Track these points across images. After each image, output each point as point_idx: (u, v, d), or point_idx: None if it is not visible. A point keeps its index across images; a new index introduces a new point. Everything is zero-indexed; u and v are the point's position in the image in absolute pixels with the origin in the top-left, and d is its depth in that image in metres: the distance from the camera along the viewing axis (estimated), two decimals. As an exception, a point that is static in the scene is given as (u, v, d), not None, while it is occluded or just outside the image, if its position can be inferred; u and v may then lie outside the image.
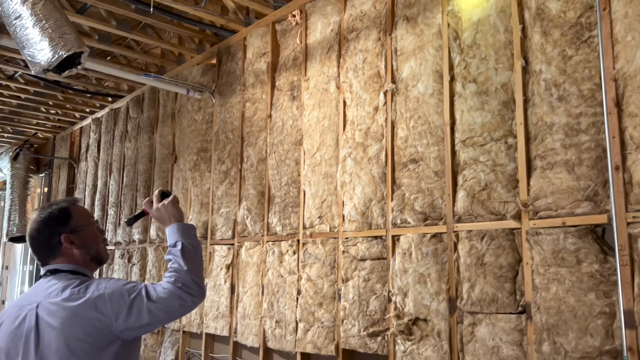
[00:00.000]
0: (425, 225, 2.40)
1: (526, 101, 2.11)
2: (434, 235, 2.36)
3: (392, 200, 2.56)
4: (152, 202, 1.68)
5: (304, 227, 3.04)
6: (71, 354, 1.34)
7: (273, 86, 3.43)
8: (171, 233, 1.58)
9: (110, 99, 5.41)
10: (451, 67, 2.40)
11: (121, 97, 5.28)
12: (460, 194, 2.27)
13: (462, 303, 2.20)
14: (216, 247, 3.71)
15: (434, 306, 2.29)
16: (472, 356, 2.13)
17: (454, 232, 2.28)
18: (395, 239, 2.52)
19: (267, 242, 3.29)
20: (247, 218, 3.47)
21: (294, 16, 3.33)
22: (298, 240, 3.07)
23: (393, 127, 2.61)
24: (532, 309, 1.98)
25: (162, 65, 4.57)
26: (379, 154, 2.66)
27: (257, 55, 3.60)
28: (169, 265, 1.51)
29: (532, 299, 1.98)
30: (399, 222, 2.52)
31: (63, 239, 1.49)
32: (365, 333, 2.57)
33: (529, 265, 2.01)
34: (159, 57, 4.53)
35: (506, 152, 2.16)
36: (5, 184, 7.25)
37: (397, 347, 2.42)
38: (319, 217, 2.97)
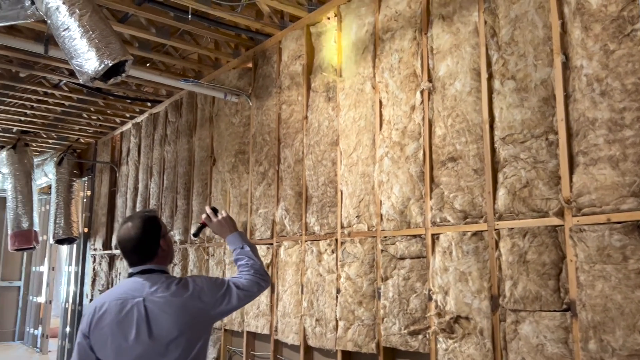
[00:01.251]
0: (466, 223, 2.40)
1: (567, 97, 2.09)
2: (475, 234, 2.36)
3: (430, 198, 2.57)
4: (209, 216, 2.06)
5: (342, 227, 3.08)
6: (180, 335, 1.72)
7: (309, 88, 3.48)
8: (234, 239, 2.01)
9: (149, 104, 5.57)
10: (489, 65, 2.39)
11: (160, 102, 5.42)
12: (501, 192, 2.27)
13: (504, 301, 2.20)
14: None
15: (475, 304, 2.29)
16: (515, 354, 2.13)
17: (495, 230, 2.27)
18: (435, 237, 2.53)
19: (306, 241, 3.34)
20: (285, 218, 3.53)
21: (329, 18, 3.37)
22: (336, 240, 3.10)
23: (430, 126, 2.62)
24: (577, 307, 1.96)
25: (200, 70, 4.68)
26: (416, 152, 2.67)
27: (292, 57, 3.65)
28: (242, 262, 1.96)
29: (577, 296, 1.96)
30: (438, 220, 2.52)
31: (161, 243, 1.84)
32: (406, 331, 2.59)
33: (573, 262, 1.99)
34: (196, 63, 4.64)
35: (547, 149, 2.14)
36: (50, 188, 7.53)
37: (438, 345, 2.43)
38: (356, 217, 3.00)
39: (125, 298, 1.77)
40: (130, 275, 1.84)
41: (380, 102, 2.92)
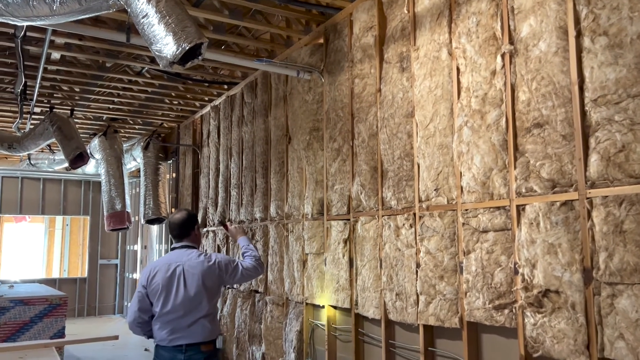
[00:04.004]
0: (554, 193, 2.27)
1: (670, 50, 1.89)
2: (564, 203, 2.22)
3: (515, 168, 2.44)
4: (226, 227, 3.37)
5: (420, 201, 3.01)
6: (204, 288, 2.70)
7: (381, 60, 3.40)
8: (243, 240, 3.09)
9: (226, 86, 5.71)
10: (577, 21, 2.21)
11: (236, 83, 5.55)
12: (593, 158, 2.11)
13: (598, 274, 2.06)
14: (332, 222, 3.80)
15: (566, 277, 2.17)
16: (612, 329, 1.99)
17: (587, 198, 2.12)
18: (521, 208, 2.41)
19: (383, 216, 3.30)
20: (361, 193, 3.51)
21: (400, -14, 3.26)
22: (414, 214, 3.05)
23: (513, 91, 2.48)
24: (683, 280, 1.79)
25: (272, 50, 4.72)
26: (498, 120, 2.54)
27: (363, 30, 3.58)
28: (248, 254, 2.96)
29: (684, 268, 1.80)
30: (523, 191, 2.40)
31: (195, 229, 2.91)
32: (490, 306, 2.51)
33: (679, 231, 1.82)
34: (269, 42, 4.68)
35: (647, 109, 1.95)
36: (139, 171, 7.99)
37: (526, 320, 2.33)
38: (435, 190, 2.92)
39: (170, 263, 2.75)
40: (173, 248, 2.86)
41: (458, 69, 2.79)
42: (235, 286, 5.36)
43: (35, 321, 4.93)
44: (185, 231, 2.87)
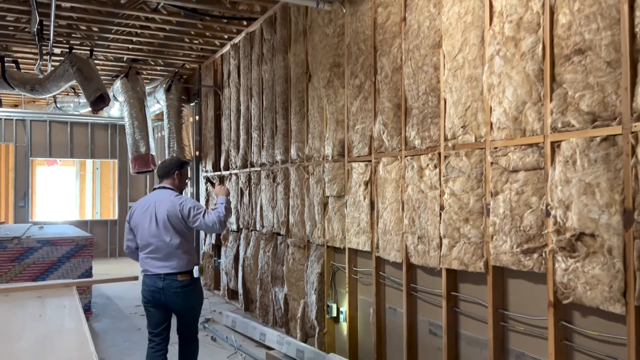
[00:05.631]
0: (594, 127, 2.04)
1: None
2: (605, 139, 1.99)
3: (551, 100, 2.21)
4: (214, 184, 3.95)
5: (446, 139, 2.81)
6: (170, 225, 3.03)
7: (407, -15, 3.11)
8: (220, 199, 3.19)
9: (245, 22, 5.46)
10: None
11: (255, 19, 5.29)
12: (642, 86, 1.86)
13: (641, 216, 1.86)
14: (353, 164, 3.64)
15: (603, 220, 1.98)
16: (653, 277, 1.82)
17: (632, 133, 1.89)
18: (555, 145, 2.19)
19: (405, 157, 3.12)
20: (383, 133, 3.32)
21: None
22: (439, 154, 2.86)
23: (552, 14, 2.21)
24: None
25: (291, -20, 4.42)
26: (534, 47, 2.29)
27: (388, -48, 3.27)
28: (216, 210, 3.10)
29: None
30: (559, 125, 2.17)
31: (176, 174, 3.22)
32: (518, 250, 2.35)
33: None
34: (287, -28, 4.38)
35: None
36: (162, 115, 7.92)
37: (556, 265, 2.17)
38: (462, 127, 2.71)
39: (147, 202, 3.15)
40: (154, 189, 3.24)
41: (490, -8, 2.51)
42: (258, 228, 5.33)
43: (63, 261, 5.03)
44: (165, 173, 3.22)
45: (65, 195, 12.09)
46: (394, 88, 3.24)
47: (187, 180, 3.33)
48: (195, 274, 3.03)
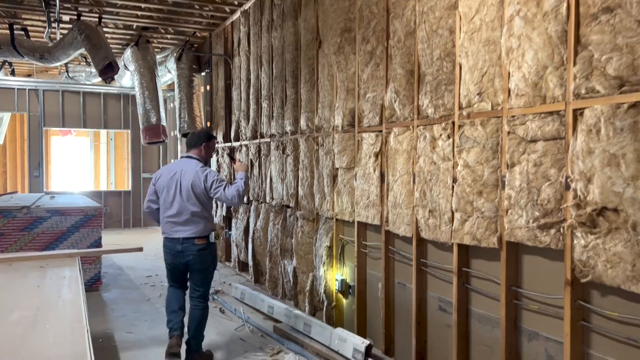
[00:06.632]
0: (621, 93, 1.87)
1: None
2: (633, 105, 1.83)
3: (574, 64, 2.04)
4: (234, 160, 3.73)
5: (460, 107, 2.65)
6: (193, 193, 3.22)
7: (422, -58, 2.91)
8: (240, 175, 3.33)
9: (254, -13, 5.27)
10: None
11: (265, -16, 5.10)
12: (678, 46, 1.68)
13: (670, 190, 1.71)
14: (364, 134, 3.50)
15: (628, 193, 1.83)
16: (682, 256, 1.67)
17: (665, 98, 1.73)
18: (578, 113, 2.03)
19: (418, 126, 2.97)
20: (395, 101, 3.17)
21: None
22: (453, 123, 2.70)
23: (579, -32, 2.02)
24: None
25: (302, -59, 4.22)
26: (558, 6, 2.10)
27: None
28: (237, 183, 3.24)
29: None
30: (583, 91, 2.01)
31: (202, 145, 3.40)
32: (535, 224, 2.21)
33: None
34: None
35: None
36: (174, 85, 7.80)
37: (575, 241, 2.03)
38: (478, 94, 2.55)
39: (174, 168, 3.33)
40: (182, 157, 3.41)
41: (512, -54, 2.32)
42: (267, 201, 5.24)
43: (72, 231, 5.01)
44: (194, 143, 3.39)
45: (80, 166, 12.15)
46: (407, 53, 3.07)
47: (212, 153, 3.53)
48: (211, 239, 3.26)
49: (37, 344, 1.69)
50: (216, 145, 7.06)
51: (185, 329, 3.32)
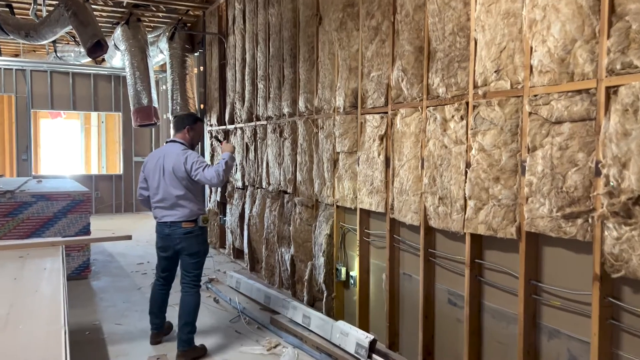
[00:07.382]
0: (665, 67, 1.67)
1: None
2: (680, 82, 1.63)
3: (608, 37, 1.83)
4: (221, 142, 4.72)
5: (475, 86, 2.45)
6: (175, 177, 3.20)
7: None
8: (224, 155, 3.27)
9: (250, -39, 5.00)
10: None
11: (261, -43, 4.84)
12: None
13: None
14: (367, 116, 3.29)
15: (672, 181, 1.64)
16: None
17: None
18: (612, 91, 1.83)
19: (427, 107, 2.77)
20: (402, 81, 2.95)
21: None
22: (467, 103, 2.50)
23: None
24: None
25: None
26: (591, -29, 1.89)
27: None
28: (218, 164, 3.19)
29: None
30: (618, 67, 1.80)
31: (187, 129, 3.36)
32: (559, 214, 2.02)
33: None
34: None
35: None
36: (165, 66, 7.52)
37: (606, 233, 1.85)
38: (495, 72, 2.34)
39: (159, 154, 3.31)
40: (166, 142, 3.39)
41: None
42: (263, 186, 5.04)
43: (59, 217, 4.79)
44: (178, 127, 3.38)
45: (70, 149, 11.87)
46: (416, 28, 2.85)
47: (200, 137, 3.46)
48: (200, 222, 3.22)
49: (6, 347, 1.49)
50: (209, 128, 6.83)
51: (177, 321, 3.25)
